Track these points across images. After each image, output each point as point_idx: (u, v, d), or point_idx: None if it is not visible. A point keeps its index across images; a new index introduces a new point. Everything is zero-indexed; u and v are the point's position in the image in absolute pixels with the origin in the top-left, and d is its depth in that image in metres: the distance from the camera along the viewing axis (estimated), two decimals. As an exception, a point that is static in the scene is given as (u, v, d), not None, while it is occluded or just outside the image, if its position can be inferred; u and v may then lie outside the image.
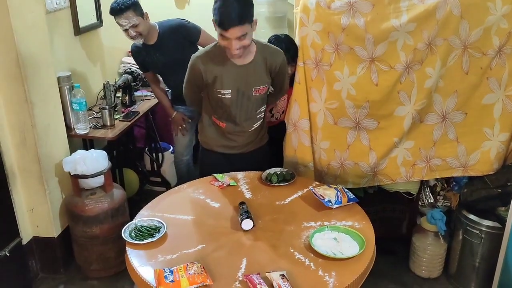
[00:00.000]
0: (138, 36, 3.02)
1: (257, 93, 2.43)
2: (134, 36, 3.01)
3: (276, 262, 1.80)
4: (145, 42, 3.10)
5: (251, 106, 2.47)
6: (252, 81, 2.38)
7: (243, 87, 2.38)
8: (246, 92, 2.40)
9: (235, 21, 2.08)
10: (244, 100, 2.43)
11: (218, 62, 2.33)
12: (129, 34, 3.01)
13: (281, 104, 2.83)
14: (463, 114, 2.58)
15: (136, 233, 1.97)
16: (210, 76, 2.35)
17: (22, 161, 2.73)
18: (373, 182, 2.77)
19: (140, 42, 3.05)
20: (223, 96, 2.39)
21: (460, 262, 2.77)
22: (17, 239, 2.77)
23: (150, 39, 3.10)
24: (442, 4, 2.34)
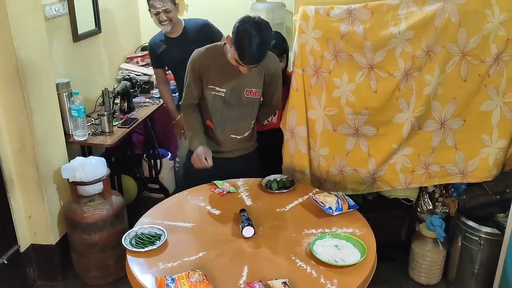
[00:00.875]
0: (168, 22, 3.08)
1: (248, 95, 2.44)
2: (164, 20, 3.07)
3: (277, 270, 1.80)
4: (169, 35, 3.19)
5: (243, 109, 2.47)
6: (245, 81, 2.40)
7: (237, 86, 2.41)
8: (239, 92, 2.42)
9: (256, 62, 2.22)
10: (237, 101, 2.44)
11: (216, 61, 2.38)
12: (159, 18, 3.07)
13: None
14: (462, 121, 2.59)
15: (137, 241, 1.96)
16: (207, 73, 2.39)
17: (21, 167, 2.72)
18: (372, 188, 2.77)
19: (168, 29, 3.12)
20: (217, 93, 2.42)
21: (459, 268, 2.78)
22: (15, 246, 2.76)
23: (174, 32, 3.19)
24: (441, 11, 2.36)
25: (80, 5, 3.33)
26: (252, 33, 2.13)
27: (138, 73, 3.91)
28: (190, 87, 2.48)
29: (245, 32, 2.15)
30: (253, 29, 2.14)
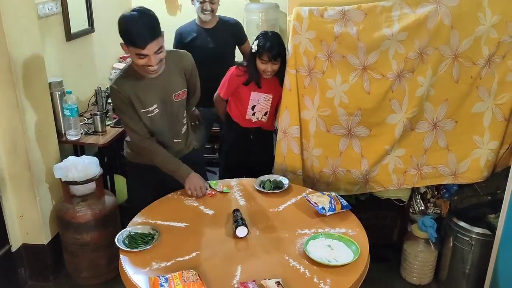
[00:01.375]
0: (209, 12, 3.27)
1: (178, 99, 2.38)
2: (207, 10, 3.26)
3: (271, 270, 1.80)
4: (203, 25, 3.36)
5: (176, 112, 2.42)
6: (170, 88, 2.34)
7: (165, 96, 2.34)
8: (168, 100, 2.35)
9: (151, 37, 2.07)
10: (169, 109, 2.38)
11: (135, 84, 2.25)
12: (203, 7, 3.26)
13: (264, 104, 2.86)
14: (454, 123, 2.61)
15: (130, 241, 1.96)
16: (135, 99, 2.26)
17: (13, 167, 2.70)
18: (364, 189, 2.79)
19: (208, 18, 3.29)
20: (153, 114, 2.32)
21: (450, 269, 2.80)
22: (6, 246, 2.74)
23: (209, 23, 3.37)
24: (433, 14, 2.38)
25: (73, 4, 3.32)
26: (133, 16, 2.09)
27: (131, 73, 3.89)
28: (133, 120, 2.31)
29: (125, 19, 2.11)
30: (132, 14, 2.11)
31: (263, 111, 2.88)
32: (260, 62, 2.70)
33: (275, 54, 2.65)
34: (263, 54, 2.66)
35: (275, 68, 2.70)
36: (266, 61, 2.67)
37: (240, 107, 2.90)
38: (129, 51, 2.13)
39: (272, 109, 2.89)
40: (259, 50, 2.67)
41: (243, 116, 2.91)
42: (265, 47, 2.65)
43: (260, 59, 2.69)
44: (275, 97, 2.83)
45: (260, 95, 2.83)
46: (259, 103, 2.86)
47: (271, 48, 2.64)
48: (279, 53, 2.66)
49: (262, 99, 2.84)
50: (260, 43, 2.68)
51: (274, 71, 2.71)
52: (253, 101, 2.85)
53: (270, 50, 2.64)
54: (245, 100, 2.86)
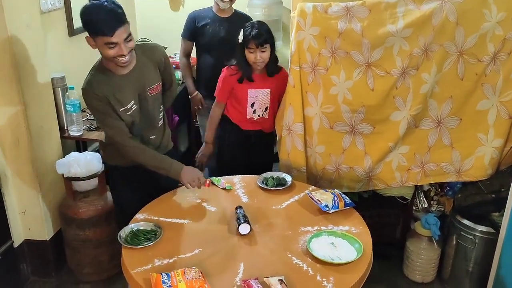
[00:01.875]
0: (229, 1, 3.28)
1: (152, 93, 2.29)
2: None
3: (273, 267, 1.79)
4: (218, 13, 3.36)
5: (151, 107, 2.33)
6: (144, 82, 2.25)
7: (140, 91, 2.25)
8: (143, 95, 2.26)
9: (118, 22, 1.99)
10: (144, 104, 2.29)
11: (109, 82, 2.15)
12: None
13: (263, 99, 2.80)
14: (458, 120, 2.59)
15: (132, 237, 1.95)
16: (113, 99, 2.15)
17: (15, 162, 2.70)
18: (368, 186, 2.78)
19: (226, 6, 3.29)
20: (131, 111, 2.23)
21: (453, 267, 2.79)
22: (9, 242, 2.74)
23: (225, 13, 3.37)
24: (438, 10, 2.36)
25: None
26: (96, 4, 2.01)
27: (134, 69, 3.88)
28: (115, 119, 2.19)
29: (88, 8, 2.02)
30: (94, 2, 2.02)
31: (263, 107, 2.82)
32: (249, 52, 2.63)
33: (262, 41, 2.59)
34: (250, 42, 2.60)
35: (264, 56, 2.63)
36: (253, 49, 2.61)
37: (239, 107, 2.82)
38: (97, 43, 2.02)
39: (272, 103, 2.83)
40: (245, 39, 2.62)
41: (243, 117, 2.83)
42: (251, 34, 2.60)
43: (248, 49, 2.63)
44: (274, 91, 2.79)
45: (257, 91, 2.77)
46: (258, 100, 2.79)
47: (258, 34, 2.59)
48: (266, 39, 2.61)
49: (260, 95, 2.78)
50: (246, 32, 2.63)
51: (264, 59, 2.65)
52: (252, 98, 2.78)
53: (256, 37, 2.59)
54: (243, 99, 2.79)
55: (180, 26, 3.52)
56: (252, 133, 2.87)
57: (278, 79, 2.76)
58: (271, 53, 2.67)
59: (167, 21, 4.28)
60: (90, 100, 2.17)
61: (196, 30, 3.38)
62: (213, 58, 3.36)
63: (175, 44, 3.69)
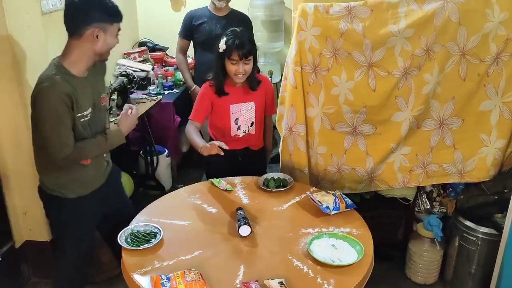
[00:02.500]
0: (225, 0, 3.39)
1: (103, 102, 2.16)
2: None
3: (274, 269, 1.78)
4: (215, 12, 3.47)
5: (102, 118, 2.17)
6: (99, 89, 2.12)
7: (95, 99, 2.09)
8: (97, 103, 2.10)
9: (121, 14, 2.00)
10: (97, 114, 2.12)
11: (72, 83, 1.96)
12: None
13: (247, 113, 2.61)
14: (460, 121, 2.58)
15: (132, 239, 1.95)
16: (75, 101, 1.96)
17: (16, 163, 2.70)
18: (369, 187, 2.76)
19: (222, 5, 3.40)
20: (85, 119, 2.03)
21: (456, 268, 2.77)
22: (10, 242, 2.74)
23: (221, 11, 3.47)
24: (440, 10, 2.34)
25: (77, 0, 3.29)
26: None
27: (135, 69, 3.88)
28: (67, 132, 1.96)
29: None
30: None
31: (249, 122, 2.61)
32: (230, 63, 2.43)
33: (246, 52, 2.40)
34: (233, 53, 2.39)
35: (247, 68, 2.45)
36: (236, 60, 2.41)
37: (222, 125, 2.61)
38: (110, 32, 1.95)
39: (258, 117, 2.63)
40: (228, 49, 2.40)
41: (228, 135, 2.61)
42: (234, 44, 2.39)
43: (230, 60, 2.42)
44: (259, 103, 2.61)
45: (240, 105, 2.57)
46: (242, 114, 2.59)
47: (241, 45, 2.39)
48: (250, 50, 2.42)
49: (244, 109, 2.58)
50: (228, 41, 2.41)
51: (246, 72, 2.46)
52: (235, 113, 2.57)
53: (240, 48, 2.39)
54: (225, 115, 2.57)
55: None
56: (239, 152, 2.65)
57: (261, 89, 2.61)
58: (253, 65, 2.50)
59: (168, 21, 4.28)
60: (52, 100, 1.90)
61: (193, 29, 3.50)
62: (210, 55, 3.34)
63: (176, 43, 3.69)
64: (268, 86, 2.68)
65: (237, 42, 2.39)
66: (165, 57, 4.31)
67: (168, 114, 3.79)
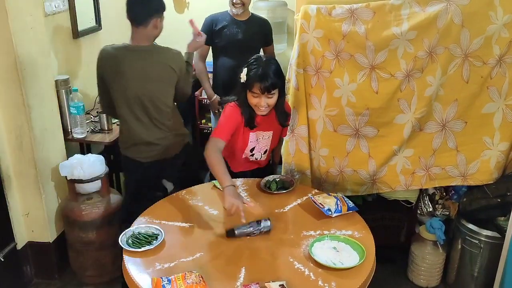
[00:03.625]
0: (240, 6, 3.31)
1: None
2: (237, 3, 3.30)
3: (275, 272, 1.78)
4: (235, 16, 3.38)
5: None
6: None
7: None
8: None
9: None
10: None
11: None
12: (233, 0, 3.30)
13: (264, 142, 2.48)
14: (463, 123, 2.57)
15: (134, 241, 1.95)
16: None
17: (18, 165, 2.70)
18: (372, 190, 2.75)
19: (239, 12, 3.33)
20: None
21: (458, 271, 2.76)
22: (12, 244, 2.74)
23: (242, 16, 3.39)
24: (443, 12, 2.34)
25: (81, 1, 3.31)
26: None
27: (138, 71, 3.88)
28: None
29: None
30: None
31: (262, 150, 2.51)
32: (251, 96, 2.21)
33: (269, 86, 2.15)
34: (254, 85, 2.16)
35: (270, 102, 2.22)
36: (258, 94, 2.18)
37: (236, 148, 2.45)
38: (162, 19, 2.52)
39: (272, 146, 2.53)
40: (249, 81, 2.18)
41: (239, 158, 2.50)
42: (256, 76, 2.15)
43: (251, 92, 2.20)
44: (276, 132, 2.48)
45: (259, 134, 2.41)
46: (258, 143, 2.46)
47: (265, 77, 2.14)
48: (275, 84, 2.17)
49: (261, 138, 2.44)
50: (250, 72, 2.18)
51: (270, 106, 2.24)
52: (252, 142, 2.43)
53: (262, 80, 2.14)
54: (244, 142, 2.41)
55: (185, 28, 3.51)
56: (248, 173, 2.57)
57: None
58: (279, 97, 2.27)
59: (171, 23, 4.25)
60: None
61: (214, 33, 3.37)
62: (230, 60, 3.36)
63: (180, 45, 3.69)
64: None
65: (260, 74, 2.16)
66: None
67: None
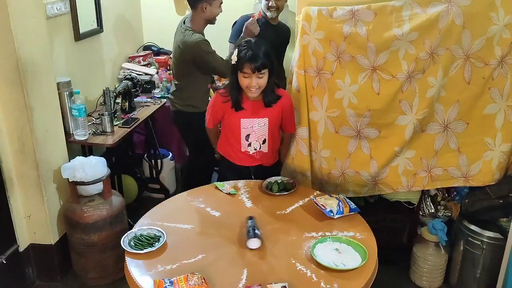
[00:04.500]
0: (275, 9, 3.33)
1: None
2: (272, 7, 3.31)
3: (277, 273, 1.78)
4: (270, 20, 3.40)
5: None
6: None
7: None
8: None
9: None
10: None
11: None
12: (269, 3, 3.30)
13: (260, 130, 2.50)
14: (465, 124, 2.57)
15: (136, 242, 1.95)
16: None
17: (20, 167, 2.71)
18: (373, 191, 2.75)
19: (273, 15, 3.35)
20: None
21: (461, 273, 2.75)
22: (14, 246, 2.74)
23: (274, 20, 3.43)
24: (445, 13, 2.34)
25: (82, 4, 3.31)
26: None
27: (140, 73, 3.89)
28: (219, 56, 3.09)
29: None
30: None
31: (261, 139, 2.51)
32: (242, 76, 2.31)
33: (259, 65, 2.26)
34: (245, 65, 2.27)
35: (260, 82, 2.31)
36: (248, 73, 2.28)
37: (232, 139, 2.52)
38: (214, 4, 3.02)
39: (271, 134, 2.53)
40: (240, 61, 2.29)
41: (238, 150, 2.53)
42: (246, 56, 2.26)
43: (242, 72, 2.30)
44: (273, 119, 2.49)
45: (252, 120, 2.45)
46: (254, 130, 2.49)
47: (254, 57, 2.26)
48: (264, 64, 2.28)
49: (256, 125, 2.47)
50: (241, 53, 2.29)
51: (260, 86, 2.33)
52: (246, 129, 2.47)
53: (252, 60, 2.26)
54: (236, 130, 2.47)
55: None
56: (252, 169, 2.59)
57: (278, 105, 2.47)
58: (268, 78, 2.36)
59: (173, 25, 4.27)
60: (208, 47, 3.02)
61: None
62: None
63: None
64: (286, 101, 2.52)
65: (250, 54, 2.27)
66: (170, 60, 4.32)
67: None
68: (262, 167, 2.61)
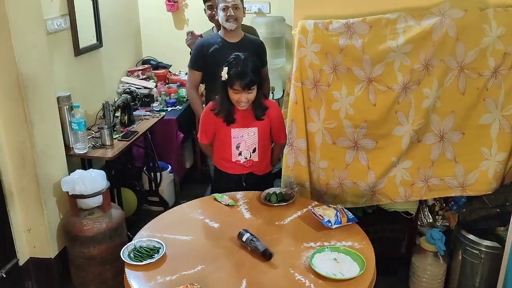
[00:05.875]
0: (233, 20, 3.00)
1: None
2: (231, 16, 2.98)
3: (276, 283, 1.79)
4: (227, 38, 3.08)
5: None
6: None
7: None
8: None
9: None
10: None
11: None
12: (227, 13, 2.98)
13: (250, 139, 2.53)
14: (461, 134, 2.59)
15: (135, 254, 1.96)
16: None
17: (20, 181, 2.72)
18: (371, 201, 2.77)
19: (233, 27, 3.02)
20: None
21: (460, 282, 2.75)
22: (14, 260, 2.75)
23: (234, 37, 3.10)
24: (438, 26, 2.38)
25: (82, 19, 3.36)
26: None
27: (139, 86, 3.93)
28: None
29: None
30: None
31: (251, 148, 2.54)
32: (233, 92, 2.38)
33: (249, 83, 2.33)
34: (235, 83, 2.34)
35: (250, 97, 2.39)
36: (238, 90, 2.36)
37: (222, 149, 2.57)
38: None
39: (261, 143, 2.55)
40: (230, 79, 2.36)
41: (229, 160, 2.56)
42: (236, 74, 2.33)
43: (232, 89, 2.37)
44: (263, 128, 2.53)
45: (242, 130, 2.49)
46: (244, 140, 2.52)
47: (244, 75, 2.33)
48: (253, 81, 2.35)
49: (246, 135, 2.51)
50: (230, 71, 2.36)
51: (249, 101, 2.40)
52: (236, 139, 2.51)
53: (242, 78, 2.32)
54: (227, 139, 2.52)
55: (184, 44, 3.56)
56: (243, 177, 2.60)
57: (266, 116, 2.51)
58: (257, 92, 2.43)
59: (171, 39, 4.34)
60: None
61: (206, 58, 3.09)
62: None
63: (179, 61, 3.74)
64: (274, 112, 2.55)
65: (239, 72, 2.34)
66: (168, 74, 4.36)
67: (171, 130, 3.81)
68: (253, 175, 2.62)
